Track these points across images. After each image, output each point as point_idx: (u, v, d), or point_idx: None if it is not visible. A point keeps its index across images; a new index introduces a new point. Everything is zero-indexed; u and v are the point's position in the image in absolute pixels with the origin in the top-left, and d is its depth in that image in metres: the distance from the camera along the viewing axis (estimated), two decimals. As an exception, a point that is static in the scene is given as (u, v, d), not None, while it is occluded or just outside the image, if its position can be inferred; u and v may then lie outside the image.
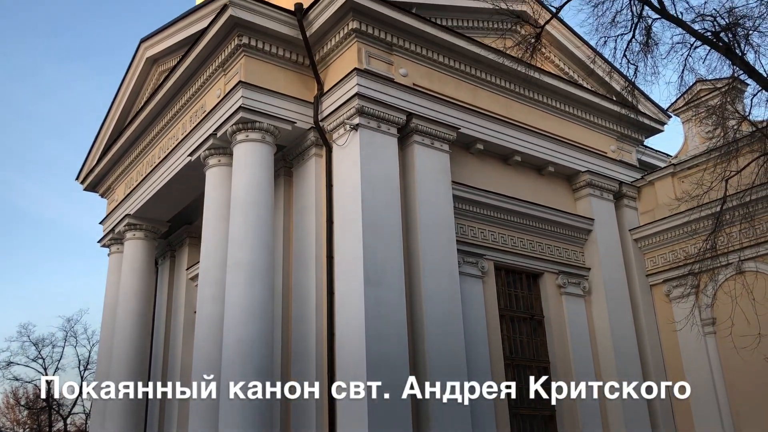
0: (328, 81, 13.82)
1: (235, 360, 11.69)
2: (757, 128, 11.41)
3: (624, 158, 17.57)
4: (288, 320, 13.14)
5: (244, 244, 12.50)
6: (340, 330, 11.95)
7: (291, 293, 13.30)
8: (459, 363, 12.20)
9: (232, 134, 13.29)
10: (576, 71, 17.34)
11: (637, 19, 11.07)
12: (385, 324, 11.58)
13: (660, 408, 14.98)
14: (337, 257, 12.45)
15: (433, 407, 11.59)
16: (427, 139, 13.56)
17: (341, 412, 11.40)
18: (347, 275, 12.06)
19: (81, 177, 20.36)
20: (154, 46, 16.54)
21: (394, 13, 13.46)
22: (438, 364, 11.94)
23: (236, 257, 12.46)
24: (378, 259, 11.95)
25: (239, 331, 11.90)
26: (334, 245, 12.58)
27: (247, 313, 12.01)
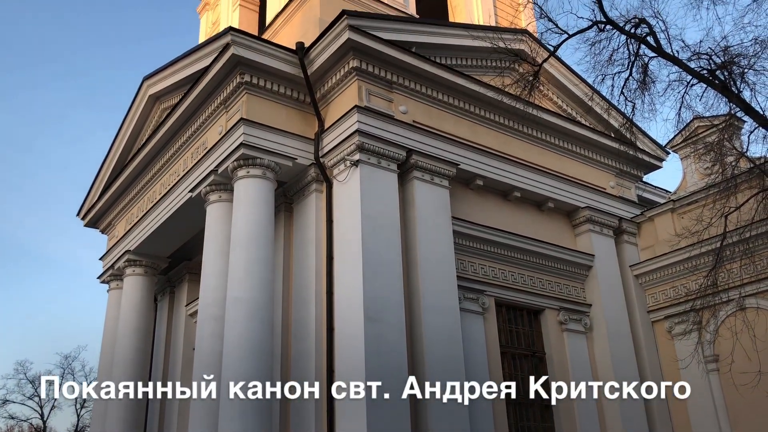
0: (328, 118, 13.95)
1: (234, 398, 11.55)
2: (755, 165, 11.48)
3: (623, 194, 17.63)
4: (287, 357, 13.03)
5: (243, 280, 12.46)
6: (340, 367, 11.83)
7: (290, 329, 13.21)
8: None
9: (233, 170, 13.36)
10: (574, 108, 17.50)
11: (634, 58, 11.23)
12: (385, 361, 11.47)
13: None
14: (337, 293, 12.40)
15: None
16: (427, 174, 13.63)
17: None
18: (347, 311, 12.00)
19: (82, 213, 20.40)
20: (156, 84, 16.72)
21: (394, 52, 13.64)
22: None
23: (236, 294, 12.41)
24: (378, 295, 11.90)
25: (238, 368, 11.78)
26: (334, 281, 12.54)
27: (246, 350, 11.91)
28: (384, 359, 11.46)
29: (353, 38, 13.05)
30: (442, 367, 12.14)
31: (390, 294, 12.09)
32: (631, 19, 11.12)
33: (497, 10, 20.51)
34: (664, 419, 15.25)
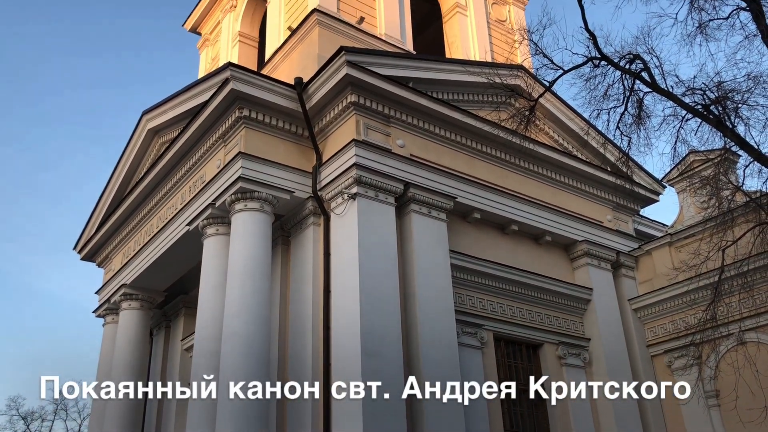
0: (326, 151, 14.02)
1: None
2: (751, 198, 11.52)
3: (621, 228, 17.65)
4: (284, 392, 12.86)
5: (240, 314, 12.37)
6: (338, 403, 11.69)
7: (287, 364, 13.08)
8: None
9: (231, 204, 13.37)
10: (570, 142, 17.62)
11: (629, 93, 11.36)
12: (381, 394, 11.32)
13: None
14: (334, 327, 12.31)
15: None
16: (425, 208, 13.65)
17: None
18: (344, 346, 11.89)
19: (78, 247, 20.34)
20: (155, 118, 16.83)
21: (392, 87, 13.78)
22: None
23: (232, 328, 12.31)
24: (376, 330, 11.81)
25: (234, 405, 11.61)
26: (331, 315, 12.46)
27: (243, 382, 11.74)
28: (382, 390, 11.32)
29: (351, 73, 13.19)
30: (441, 403, 11.98)
31: (388, 328, 12.00)
32: (626, 55, 11.27)
33: (493, 47, 20.80)
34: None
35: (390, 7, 18.65)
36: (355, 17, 17.69)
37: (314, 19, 16.43)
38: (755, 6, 10.36)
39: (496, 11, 21.86)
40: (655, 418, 15.33)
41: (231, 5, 22.59)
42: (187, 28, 25.15)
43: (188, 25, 25.01)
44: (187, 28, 25.13)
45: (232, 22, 22.45)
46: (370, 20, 18.08)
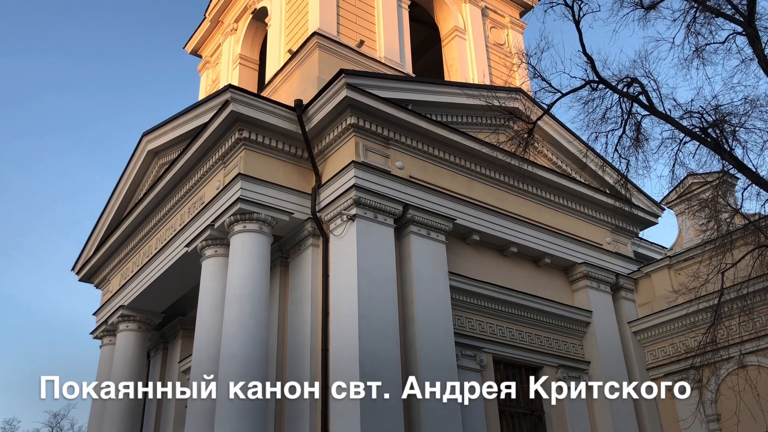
0: (326, 173, 14.05)
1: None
2: (750, 221, 11.54)
3: (620, 250, 17.63)
4: (281, 415, 12.76)
5: (237, 336, 12.30)
6: (335, 426, 11.58)
7: (285, 386, 12.97)
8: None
9: (230, 225, 13.37)
10: (569, 165, 17.67)
11: (627, 116, 11.43)
12: (381, 420, 11.23)
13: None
14: (333, 349, 12.23)
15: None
16: (424, 229, 13.65)
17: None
18: (343, 368, 11.80)
19: (77, 268, 20.29)
20: (155, 140, 16.88)
21: (391, 109, 13.85)
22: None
23: (229, 350, 12.23)
24: (374, 352, 11.73)
25: (231, 427, 11.52)
26: (330, 337, 12.40)
27: (239, 408, 11.65)
28: (381, 418, 11.23)
29: (351, 96, 13.26)
30: (440, 427, 11.88)
31: (386, 351, 11.92)
32: (623, 78, 11.37)
33: (492, 70, 20.96)
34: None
35: (389, 31, 18.82)
36: (355, 40, 17.84)
37: (314, 42, 16.57)
38: (751, 31, 10.46)
39: (494, 35, 22.06)
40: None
41: (232, 28, 22.80)
42: (188, 51, 25.35)
43: (189, 48, 25.22)
44: (188, 50, 25.33)
45: (233, 45, 22.63)
46: (369, 43, 18.23)
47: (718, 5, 11.11)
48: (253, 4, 21.70)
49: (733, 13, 10.87)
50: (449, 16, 21.21)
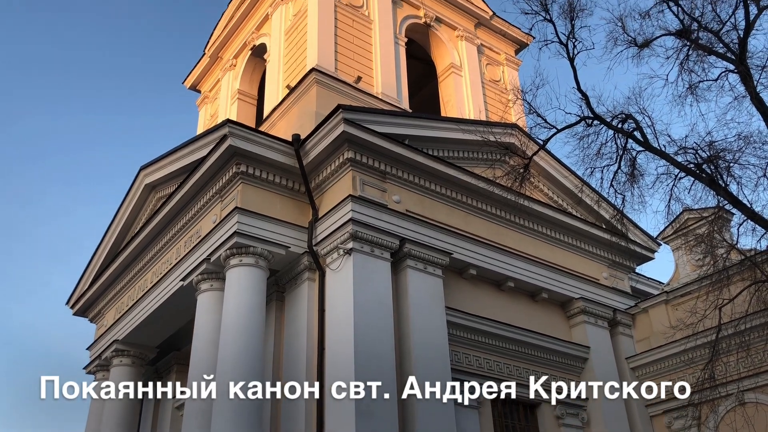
0: (323, 207, 14.08)
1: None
2: (746, 257, 11.54)
3: (617, 285, 17.60)
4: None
5: (233, 371, 12.16)
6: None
7: (279, 423, 12.81)
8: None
9: (226, 259, 13.33)
10: (565, 200, 17.74)
11: (622, 151, 11.51)
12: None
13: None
14: (329, 385, 12.10)
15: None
16: (420, 263, 13.62)
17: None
18: (339, 405, 11.66)
19: (71, 301, 20.15)
20: (153, 174, 16.93)
21: (388, 144, 13.94)
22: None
23: (225, 385, 12.08)
24: (370, 388, 11.61)
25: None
26: (325, 372, 12.27)
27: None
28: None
29: (348, 131, 13.36)
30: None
31: (383, 387, 11.78)
32: (618, 114, 11.48)
33: (488, 105, 21.18)
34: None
35: (387, 67, 19.05)
36: (353, 76, 18.04)
37: (312, 78, 16.75)
38: (743, 69, 10.61)
39: (490, 72, 22.34)
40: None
41: (231, 64, 23.05)
42: (187, 86, 25.59)
43: (188, 83, 25.46)
44: (187, 85, 25.57)
45: (232, 80, 22.86)
46: (367, 79, 18.44)
47: (710, 44, 11.29)
48: (253, 41, 21.99)
49: (725, 51, 11.05)
50: (445, 54, 21.50)
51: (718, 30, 11.13)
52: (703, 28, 11.23)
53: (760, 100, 10.42)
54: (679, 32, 11.46)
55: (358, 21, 19.34)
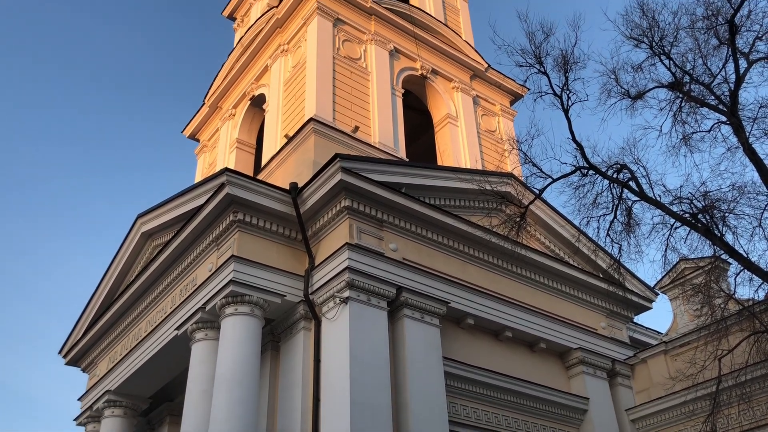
0: (319, 255, 14.05)
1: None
2: (744, 307, 11.51)
3: (615, 335, 17.47)
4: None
5: (226, 423, 11.94)
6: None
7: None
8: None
9: (221, 308, 13.23)
10: (562, 249, 17.75)
11: (618, 201, 11.59)
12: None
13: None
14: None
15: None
16: (417, 312, 13.54)
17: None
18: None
19: (64, 351, 19.89)
20: (150, 222, 16.93)
21: (385, 192, 14.02)
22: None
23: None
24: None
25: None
26: (320, 424, 12.04)
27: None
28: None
29: (345, 179, 13.45)
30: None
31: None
32: (613, 164, 11.60)
33: (483, 155, 21.38)
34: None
35: (384, 117, 19.30)
36: (350, 126, 18.26)
37: (310, 127, 16.94)
38: (735, 120, 10.78)
39: (485, 122, 22.63)
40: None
41: (230, 114, 23.33)
42: (186, 135, 25.83)
43: (187, 132, 25.71)
44: (186, 134, 25.81)
45: (231, 130, 23.10)
46: (364, 129, 18.65)
47: (702, 96, 11.49)
48: (252, 91, 22.31)
49: (717, 103, 11.24)
50: (441, 104, 21.82)
51: (710, 83, 11.36)
52: (694, 81, 11.46)
53: (753, 151, 10.55)
54: (671, 84, 11.69)
55: (355, 73, 19.69)
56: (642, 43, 11.84)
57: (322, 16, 19.72)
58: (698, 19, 11.43)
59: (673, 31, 11.58)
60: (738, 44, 11.02)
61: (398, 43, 21.24)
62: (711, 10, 11.25)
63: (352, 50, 20.07)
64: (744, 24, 11.07)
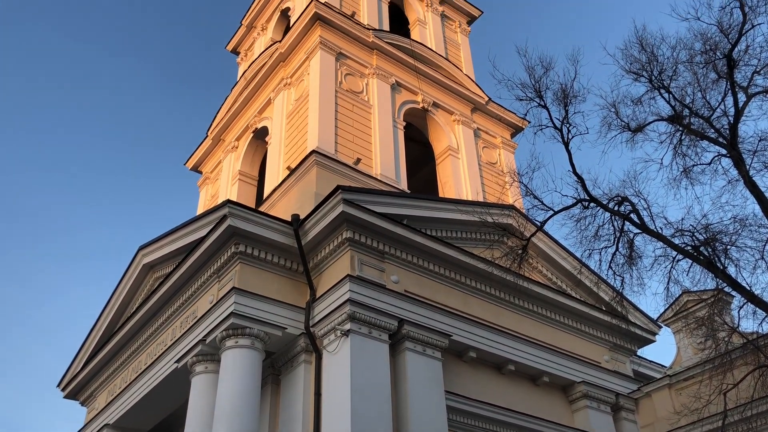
0: (320, 287, 14.01)
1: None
2: (748, 340, 11.42)
3: (618, 368, 17.30)
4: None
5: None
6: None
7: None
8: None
9: (222, 340, 13.15)
10: (564, 281, 17.68)
11: (619, 234, 11.58)
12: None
13: None
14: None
15: None
16: (419, 345, 13.44)
17: None
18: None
19: (63, 384, 19.72)
20: (151, 254, 16.93)
21: (386, 224, 14.03)
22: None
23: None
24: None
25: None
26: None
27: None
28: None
29: (347, 210, 13.47)
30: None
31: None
32: (614, 197, 11.61)
33: (485, 187, 21.45)
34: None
35: (385, 149, 19.41)
36: (352, 158, 18.35)
37: (312, 159, 17.03)
38: (735, 153, 10.81)
39: (486, 154, 22.74)
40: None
41: (233, 146, 23.49)
42: (189, 167, 25.98)
43: (190, 164, 25.86)
44: (189, 167, 25.96)
45: (233, 162, 23.23)
46: (366, 161, 18.75)
47: (702, 129, 11.55)
48: (255, 124, 22.48)
49: (717, 136, 11.28)
50: (443, 137, 21.96)
51: (709, 116, 11.42)
52: (694, 114, 11.52)
53: (754, 183, 10.57)
54: (671, 118, 11.75)
55: (357, 105, 19.86)
56: (641, 77, 11.95)
57: (325, 51, 19.96)
58: (697, 54, 11.55)
59: (672, 65, 11.70)
60: (736, 78, 11.11)
61: (400, 77, 21.47)
62: (709, 45, 11.37)
63: (355, 84, 20.27)
64: (742, 58, 11.18)
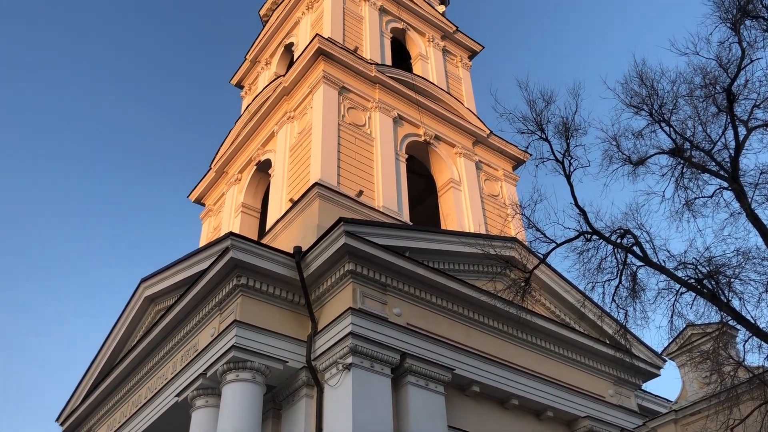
0: (322, 320, 13.94)
1: None
2: (754, 375, 11.28)
3: (623, 403, 17.09)
4: None
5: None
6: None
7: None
8: None
9: (222, 374, 13.04)
10: (567, 314, 17.57)
11: (622, 266, 11.53)
12: None
13: None
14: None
15: None
16: (422, 380, 13.31)
17: None
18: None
19: (61, 418, 19.52)
20: (153, 286, 16.89)
21: (388, 256, 14.00)
22: None
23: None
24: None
25: None
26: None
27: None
28: None
29: (349, 243, 13.47)
30: None
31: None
32: (617, 229, 11.58)
33: (487, 219, 21.46)
34: None
35: (388, 182, 19.49)
36: (355, 190, 18.42)
37: (315, 192, 17.09)
38: (736, 186, 10.82)
39: (488, 187, 22.81)
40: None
41: (236, 178, 23.60)
42: (192, 200, 26.06)
43: (193, 197, 25.95)
44: (192, 199, 26.05)
45: (236, 194, 23.31)
46: (368, 193, 18.81)
47: (704, 162, 11.57)
48: (258, 157, 22.62)
49: (718, 169, 11.30)
50: (445, 169, 22.05)
51: (710, 149, 11.45)
52: (695, 147, 11.56)
53: (756, 216, 10.55)
54: (672, 151, 11.79)
55: (360, 138, 19.99)
56: (642, 111, 12.01)
57: (328, 85, 20.17)
58: (696, 88, 11.62)
59: (672, 99, 11.77)
60: (737, 112, 11.17)
61: (402, 110, 21.65)
62: (708, 79, 11.46)
63: (357, 117, 20.44)
64: (741, 92, 11.25)
